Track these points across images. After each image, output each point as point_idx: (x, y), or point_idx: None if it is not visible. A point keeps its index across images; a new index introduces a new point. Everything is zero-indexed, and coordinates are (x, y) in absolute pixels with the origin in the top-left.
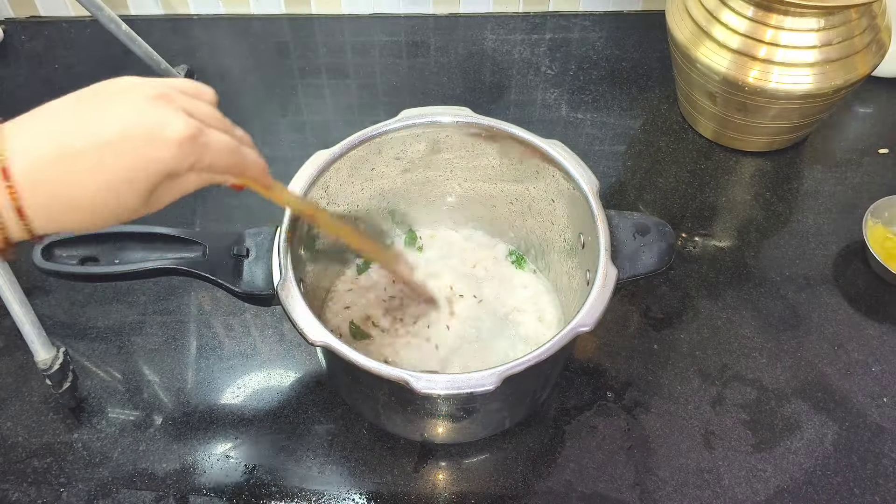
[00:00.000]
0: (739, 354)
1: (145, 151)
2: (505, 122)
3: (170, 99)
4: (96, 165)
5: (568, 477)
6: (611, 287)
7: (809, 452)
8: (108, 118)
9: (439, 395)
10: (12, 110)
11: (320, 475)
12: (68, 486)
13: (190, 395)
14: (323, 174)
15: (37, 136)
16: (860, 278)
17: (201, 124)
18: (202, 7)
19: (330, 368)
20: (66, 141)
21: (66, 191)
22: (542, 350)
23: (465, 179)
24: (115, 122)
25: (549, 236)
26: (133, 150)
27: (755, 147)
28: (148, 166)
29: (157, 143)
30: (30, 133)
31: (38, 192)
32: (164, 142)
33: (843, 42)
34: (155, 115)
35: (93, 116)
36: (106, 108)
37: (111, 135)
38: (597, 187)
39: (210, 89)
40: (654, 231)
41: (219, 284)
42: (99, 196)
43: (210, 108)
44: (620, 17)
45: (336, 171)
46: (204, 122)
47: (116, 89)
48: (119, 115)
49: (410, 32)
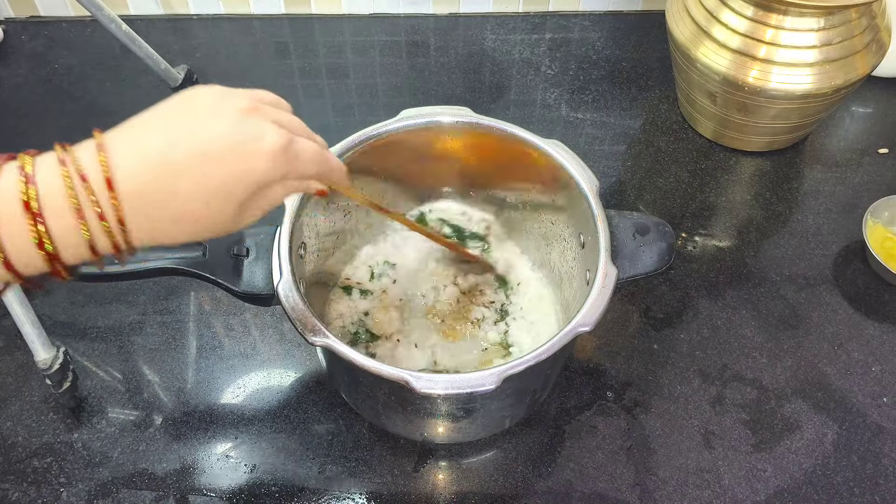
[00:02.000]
0: (739, 354)
1: (242, 163)
2: (505, 121)
3: (260, 110)
4: (197, 178)
5: (568, 477)
6: (611, 287)
7: (809, 452)
8: (206, 130)
9: (439, 394)
10: (13, 110)
11: (320, 475)
12: (68, 485)
13: (190, 394)
14: None
15: (138, 147)
16: (860, 278)
17: (291, 134)
18: (202, 7)
19: (330, 368)
20: (167, 153)
21: (167, 202)
22: (542, 350)
23: (465, 180)
24: (212, 135)
25: (548, 236)
26: (230, 162)
27: (755, 147)
28: (245, 178)
29: (253, 156)
30: (131, 145)
31: (140, 203)
32: (259, 154)
33: (843, 42)
34: (249, 127)
35: (191, 129)
36: (203, 121)
37: (210, 147)
38: (597, 187)
39: (284, 101)
40: (654, 231)
41: (219, 284)
42: (198, 208)
43: (292, 117)
44: (620, 16)
45: None
46: (292, 132)
47: (208, 101)
48: (215, 127)
49: (410, 32)
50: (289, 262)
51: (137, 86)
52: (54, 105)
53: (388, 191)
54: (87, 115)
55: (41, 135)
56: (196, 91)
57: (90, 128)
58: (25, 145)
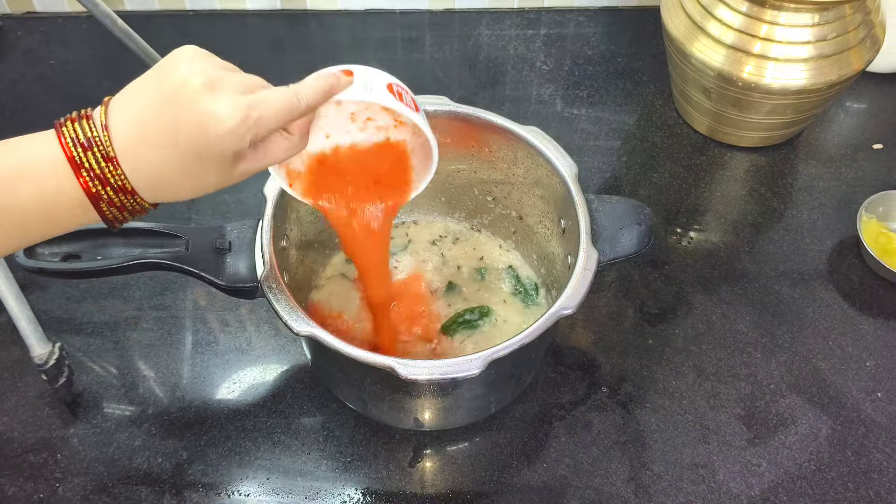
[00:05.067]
0: (734, 349)
1: (205, 139)
2: (482, 109)
3: (215, 85)
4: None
5: (563, 472)
6: (592, 270)
7: (803, 447)
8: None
9: (425, 380)
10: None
11: (315, 469)
12: (64, 480)
13: (185, 390)
14: None
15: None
16: (854, 273)
17: (249, 101)
18: (198, 3)
19: (316, 360)
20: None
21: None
22: (527, 333)
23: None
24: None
25: (529, 222)
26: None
27: (749, 142)
28: (210, 149)
29: (213, 135)
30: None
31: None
32: (217, 134)
33: (838, 38)
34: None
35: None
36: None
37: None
38: (575, 172)
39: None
40: (634, 214)
41: (202, 278)
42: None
43: (250, 77)
44: (615, 12)
45: None
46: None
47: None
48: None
49: (406, 28)
50: (271, 253)
51: None
52: (50, 101)
53: None
54: None
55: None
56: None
57: None
58: None
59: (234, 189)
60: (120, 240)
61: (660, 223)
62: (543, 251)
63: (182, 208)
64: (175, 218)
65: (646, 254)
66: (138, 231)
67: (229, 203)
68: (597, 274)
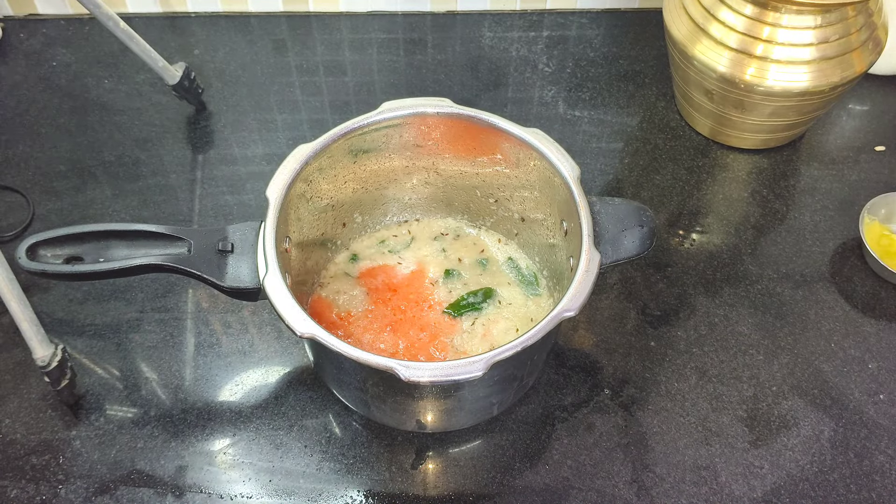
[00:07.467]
0: (736, 351)
1: None
2: (485, 111)
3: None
4: None
5: (565, 474)
6: (594, 272)
7: (806, 449)
8: None
9: (426, 382)
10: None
11: (318, 471)
12: (66, 483)
13: (188, 392)
14: (305, 167)
15: None
16: (857, 275)
17: None
18: (200, 5)
19: (318, 361)
20: None
21: None
22: (529, 335)
23: (447, 170)
24: None
25: (531, 224)
26: None
27: (752, 144)
28: None
29: None
30: None
31: None
32: None
33: (840, 39)
34: None
35: None
36: None
37: None
38: (577, 174)
39: None
40: (636, 216)
41: (204, 280)
42: None
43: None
44: (618, 14)
45: (318, 163)
46: None
47: None
48: None
49: (408, 30)
50: (274, 255)
51: (135, 83)
52: (52, 103)
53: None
54: (84, 113)
55: (39, 133)
56: None
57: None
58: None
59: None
60: (122, 242)
61: (662, 225)
62: (545, 253)
63: (184, 210)
64: (177, 220)
65: (648, 256)
66: (140, 233)
67: (231, 205)
68: (599, 276)
